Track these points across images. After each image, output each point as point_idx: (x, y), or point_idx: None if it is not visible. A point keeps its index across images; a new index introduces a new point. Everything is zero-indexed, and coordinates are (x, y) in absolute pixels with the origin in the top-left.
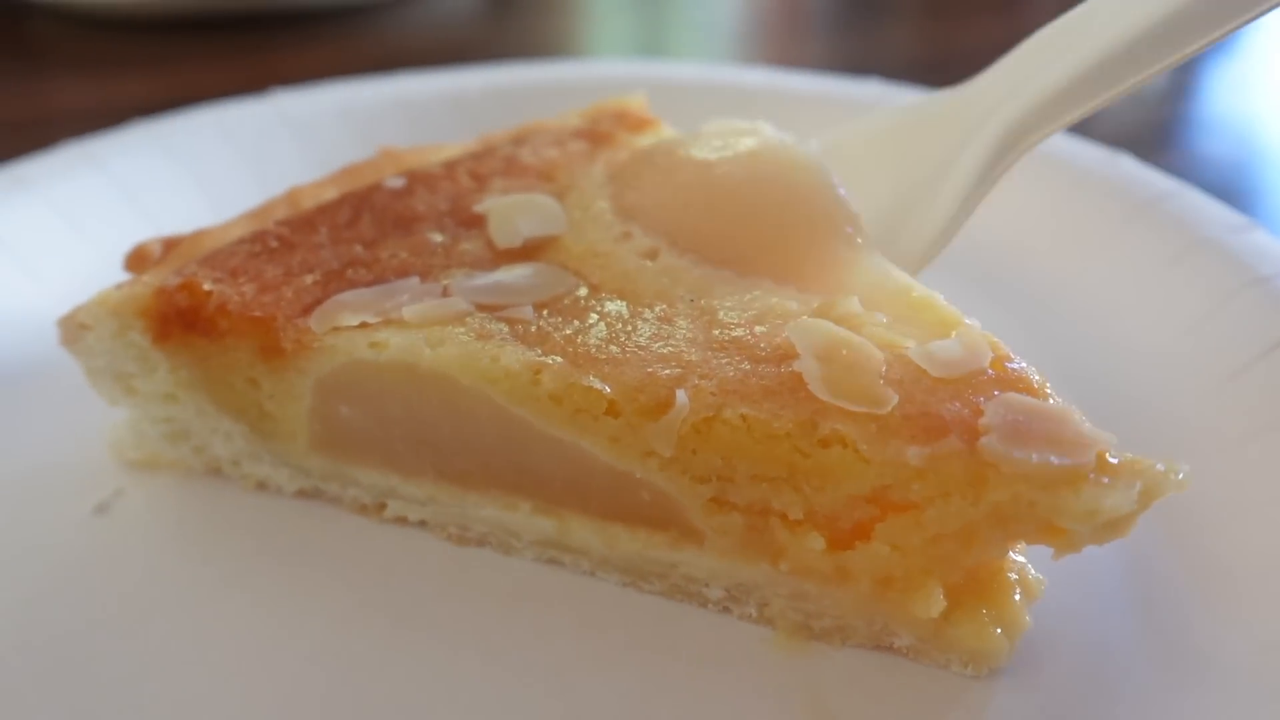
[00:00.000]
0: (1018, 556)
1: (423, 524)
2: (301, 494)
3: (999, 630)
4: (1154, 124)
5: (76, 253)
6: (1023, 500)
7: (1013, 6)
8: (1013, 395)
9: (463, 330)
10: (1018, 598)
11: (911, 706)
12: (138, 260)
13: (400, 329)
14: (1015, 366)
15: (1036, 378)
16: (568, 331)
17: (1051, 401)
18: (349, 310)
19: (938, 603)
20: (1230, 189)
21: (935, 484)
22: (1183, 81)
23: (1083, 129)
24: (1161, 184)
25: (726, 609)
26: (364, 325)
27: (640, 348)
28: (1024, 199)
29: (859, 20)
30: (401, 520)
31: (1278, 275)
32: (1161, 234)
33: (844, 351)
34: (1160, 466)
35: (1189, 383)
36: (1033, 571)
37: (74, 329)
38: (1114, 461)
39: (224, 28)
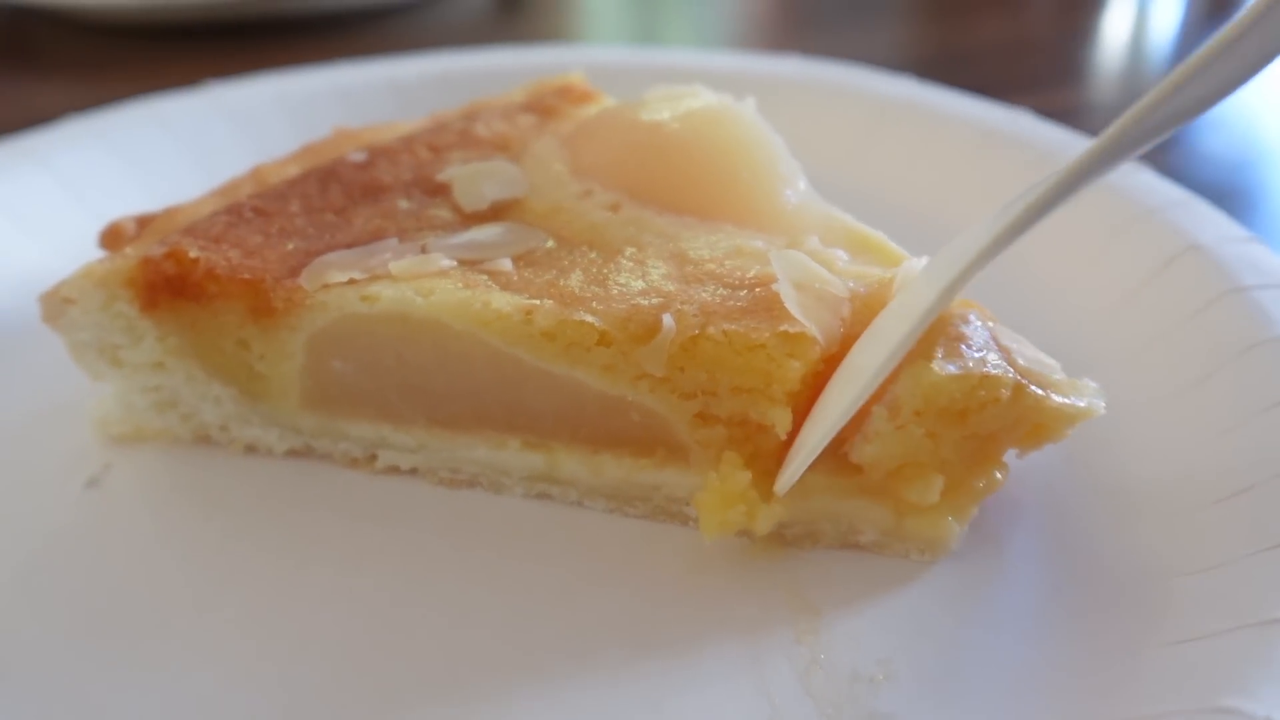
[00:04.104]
0: None
1: (414, 471)
2: (292, 453)
3: (951, 519)
4: None
5: (16, 245)
6: (1033, 407)
7: (1009, 5)
8: (994, 324)
9: (449, 282)
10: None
11: (879, 590)
12: (113, 237)
13: (390, 283)
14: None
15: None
16: (548, 278)
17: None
18: (335, 268)
19: (934, 492)
20: (1231, 187)
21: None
22: None
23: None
24: None
25: None
26: (352, 281)
27: (621, 285)
28: (974, 175)
29: (857, 17)
30: (393, 470)
31: (1212, 244)
32: (1105, 207)
33: (816, 285)
34: (1092, 384)
35: (1121, 343)
36: None
37: (57, 304)
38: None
39: (228, 33)
